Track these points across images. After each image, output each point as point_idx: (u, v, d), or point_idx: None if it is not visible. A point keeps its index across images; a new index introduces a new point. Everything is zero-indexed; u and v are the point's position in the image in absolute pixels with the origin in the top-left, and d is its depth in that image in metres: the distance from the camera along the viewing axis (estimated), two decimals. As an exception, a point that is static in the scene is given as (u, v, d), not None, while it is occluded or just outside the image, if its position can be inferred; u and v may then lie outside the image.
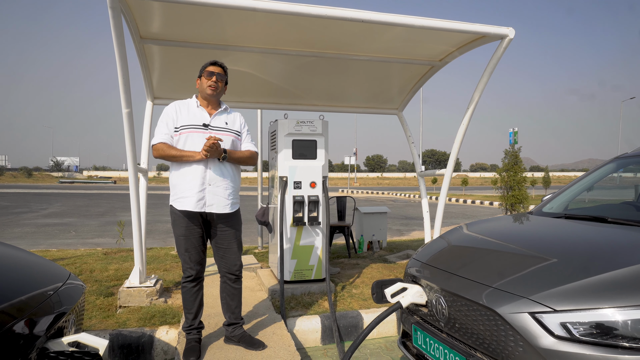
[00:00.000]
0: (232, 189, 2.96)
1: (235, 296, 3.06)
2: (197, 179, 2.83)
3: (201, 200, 2.84)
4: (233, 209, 2.96)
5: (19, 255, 2.26)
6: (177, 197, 2.88)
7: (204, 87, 2.93)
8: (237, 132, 3.03)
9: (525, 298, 1.81)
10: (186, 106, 2.97)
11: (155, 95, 4.94)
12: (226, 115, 3.04)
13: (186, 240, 2.90)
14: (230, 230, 2.97)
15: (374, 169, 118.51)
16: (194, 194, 2.83)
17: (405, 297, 2.42)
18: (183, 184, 2.86)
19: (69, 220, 12.45)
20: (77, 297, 2.13)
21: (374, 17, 3.38)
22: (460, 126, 4.36)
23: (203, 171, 2.84)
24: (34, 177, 56.57)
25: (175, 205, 2.90)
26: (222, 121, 2.98)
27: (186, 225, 2.88)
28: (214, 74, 2.92)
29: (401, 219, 13.46)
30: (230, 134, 2.97)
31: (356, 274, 5.22)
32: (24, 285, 1.88)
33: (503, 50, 3.88)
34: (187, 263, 2.94)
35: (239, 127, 3.06)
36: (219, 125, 2.95)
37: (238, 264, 3.02)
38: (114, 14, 3.05)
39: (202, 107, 2.97)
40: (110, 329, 3.41)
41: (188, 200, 2.84)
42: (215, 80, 2.92)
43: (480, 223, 3.12)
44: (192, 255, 2.92)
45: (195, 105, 2.97)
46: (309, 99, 5.51)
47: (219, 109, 3.01)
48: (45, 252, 6.76)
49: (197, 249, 2.92)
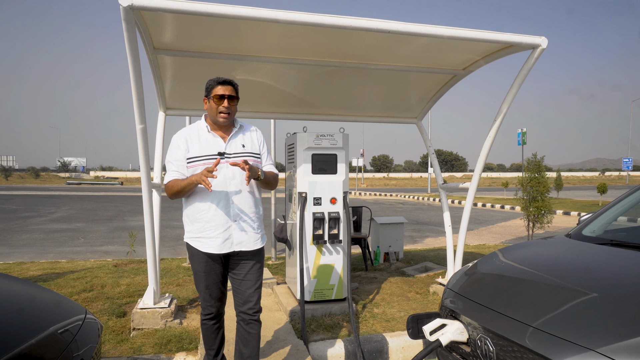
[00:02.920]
0: (259, 220, 2.66)
1: (249, 342, 2.59)
2: (220, 216, 2.50)
3: (228, 240, 2.52)
4: (263, 244, 2.66)
5: (34, 293, 2.11)
6: (196, 236, 2.54)
7: (215, 114, 2.54)
8: (256, 154, 2.66)
9: (592, 350, 1.62)
10: (196, 133, 2.60)
11: (167, 106, 4.79)
12: (242, 135, 2.65)
13: (207, 276, 2.59)
14: (253, 263, 2.63)
15: (380, 169, 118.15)
16: (218, 234, 2.49)
17: (445, 334, 2.24)
18: (203, 222, 2.51)
19: (77, 226, 12.36)
20: (95, 339, 1.97)
21: (400, 28, 3.20)
22: (487, 139, 4.17)
23: (226, 206, 2.51)
24: (41, 178, 56.81)
25: (194, 245, 2.55)
26: (238, 144, 2.61)
27: (206, 262, 2.57)
28: (224, 97, 2.52)
29: (412, 224, 13.25)
30: (250, 157, 2.60)
31: (375, 289, 5.04)
32: (44, 326, 1.73)
33: (534, 61, 3.68)
34: (208, 301, 2.65)
35: (258, 147, 2.70)
36: (236, 150, 2.58)
37: (254, 302, 2.59)
38: (128, 26, 2.89)
39: (214, 132, 2.60)
40: (125, 355, 3.26)
41: (212, 241, 2.50)
42: (227, 105, 2.53)
43: (518, 249, 2.93)
44: (212, 292, 2.63)
45: (206, 131, 2.59)
46: (325, 109, 5.33)
47: (233, 129, 2.64)
48: (55, 263, 6.64)
49: (217, 285, 2.63)
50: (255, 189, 2.63)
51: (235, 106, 2.61)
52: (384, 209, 18.83)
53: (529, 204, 6.71)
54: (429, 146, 5.34)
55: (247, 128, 2.73)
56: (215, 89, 2.55)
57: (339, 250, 4.15)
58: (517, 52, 3.84)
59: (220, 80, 2.57)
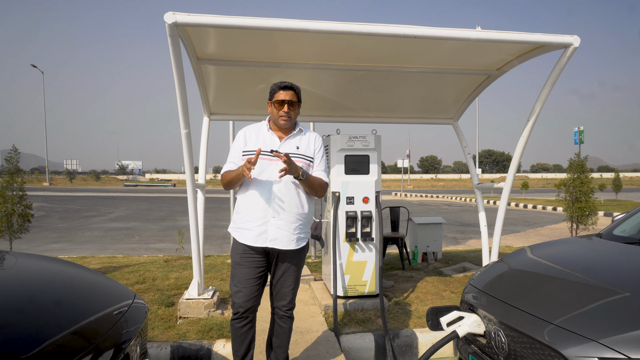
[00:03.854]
0: (301, 221, 2.62)
1: (280, 334, 2.72)
2: (260, 210, 2.55)
3: (263, 234, 2.54)
4: (299, 245, 2.62)
5: (92, 278, 2.41)
6: (237, 227, 2.63)
7: (276, 118, 2.62)
8: (309, 157, 2.66)
9: (594, 341, 1.69)
10: (257, 130, 2.70)
11: (211, 112, 5.11)
12: (299, 138, 2.69)
13: (242, 269, 2.59)
14: (289, 265, 2.64)
15: (428, 170, 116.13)
16: (255, 226, 2.55)
17: (462, 326, 2.34)
18: (244, 212, 2.60)
19: (133, 225, 13.16)
20: (141, 319, 2.23)
21: (426, 32, 3.30)
22: (520, 138, 4.16)
23: (267, 200, 2.54)
24: (101, 180, 60.31)
25: (234, 234, 2.65)
26: (292, 145, 2.64)
27: (243, 252, 2.59)
28: (284, 103, 2.57)
29: (457, 226, 13.07)
30: (301, 159, 2.62)
31: (410, 288, 5.13)
32: (99, 307, 2.02)
33: (567, 60, 3.66)
34: (238, 298, 2.59)
35: (312, 151, 2.69)
36: (290, 150, 2.60)
37: (287, 300, 2.68)
38: (172, 41, 3.19)
39: (273, 131, 2.67)
40: (171, 340, 3.56)
41: (248, 233, 2.56)
42: (287, 110, 2.57)
43: (545, 247, 2.96)
44: (245, 289, 2.58)
45: (265, 129, 2.68)
46: (360, 111, 5.49)
47: (292, 132, 2.68)
48: (113, 258, 7.19)
49: (251, 282, 2.58)
50: (301, 190, 2.62)
51: (296, 110, 2.66)
52: (428, 210, 18.63)
53: (572, 204, 6.52)
54: (464, 147, 5.36)
55: (306, 132, 2.76)
56: (277, 93, 2.61)
57: (371, 247, 4.29)
58: (550, 51, 3.83)
59: (282, 85, 2.62)
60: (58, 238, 10.28)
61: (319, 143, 2.75)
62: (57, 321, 1.73)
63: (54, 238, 10.26)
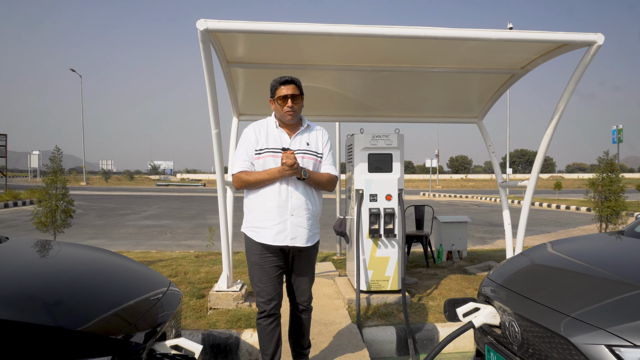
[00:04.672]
0: (315, 217, 2.65)
1: (302, 326, 2.80)
2: (277, 208, 2.53)
3: (282, 232, 2.54)
4: (314, 241, 2.67)
5: (131, 266, 2.63)
6: (252, 226, 2.60)
7: (282, 114, 2.62)
8: (318, 154, 2.69)
9: (601, 329, 1.76)
10: (265, 127, 2.69)
11: (240, 112, 5.32)
12: (308, 134, 2.71)
13: (261, 270, 2.60)
14: (305, 260, 2.69)
15: (458, 170, 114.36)
16: (274, 225, 2.53)
17: (478, 317, 2.43)
18: (260, 212, 2.56)
19: (165, 223, 13.60)
20: (176, 304, 2.42)
21: (447, 34, 3.39)
22: (544, 137, 4.18)
23: (285, 198, 2.54)
24: (135, 180, 62.11)
25: (249, 234, 2.62)
26: (302, 142, 2.66)
27: (261, 253, 2.59)
28: (287, 97, 2.58)
29: (485, 226, 12.94)
30: (312, 156, 2.65)
31: (434, 285, 5.19)
32: (139, 292, 2.23)
33: (591, 58, 3.67)
34: (262, 297, 2.61)
35: (321, 147, 2.72)
36: (300, 147, 2.64)
37: (307, 296, 2.74)
38: (204, 46, 3.39)
39: (282, 128, 2.68)
40: (202, 329, 3.77)
41: (266, 232, 2.55)
42: (291, 105, 2.58)
43: (564, 242, 3.00)
44: (267, 287, 2.60)
45: (274, 126, 2.68)
46: (385, 111, 5.58)
47: (300, 127, 2.70)
48: (146, 253, 7.52)
49: (272, 280, 2.60)
50: (313, 187, 2.65)
51: (299, 104, 2.64)
52: (457, 210, 18.44)
53: (601, 204, 6.41)
54: (489, 145, 5.38)
55: (313, 127, 2.77)
56: (278, 89, 2.62)
57: (394, 244, 4.39)
58: (574, 49, 3.85)
59: (282, 80, 2.62)
60: (95, 234, 10.77)
61: (326, 137, 2.78)
62: (104, 301, 1.95)
63: (91, 234, 10.75)
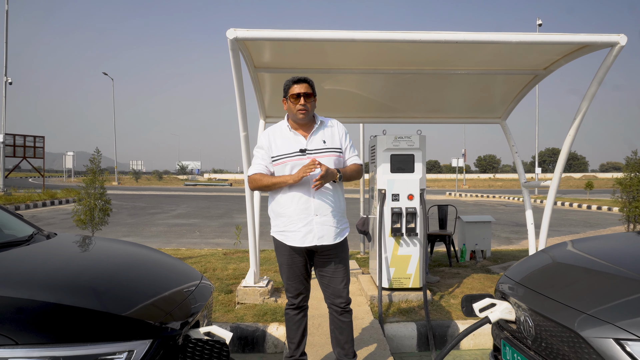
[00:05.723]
0: (340, 213, 2.68)
1: (344, 330, 2.75)
2: (302, 211, 2.57)
3: (309, 233, 2.58)
4: (343, 237, 2.69)
5: (168, 260, 2.85)
6: (280, 230, 2.67)
7: (294, 112, 2.62)
8: (338, 149, 2.67)
9: (610, 324, 1.84)
10: (279, 132, 2.70)
11: (267, 115, 5.51)
12: (323, 131, 2.69)
13: (290, 269, 2.71)
14: (336, 258, 2.68)
15: (486, 170, 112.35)
16: (300, 227, 2.58)
17: (494, 312, 2.52)
18: (285, 216, 2.61)
19: (194, 221, 13.99)
20: (208, 296, 2.61)
21: (467, 38, 3.48)
22: (567, 138, 4.20)
23: (307, 200, 2.57)
24: (164, 180, 63.65)
25: (279, 238, 2.69)
26: (319, 141, 2.65)
27: (289, 254, 2.68)
28: (300, 96, 2.59)
29: (511, 226, 12.80)
30: (332, 153, 2.63)
31: (456, 283, 5.26)
32: (175, 283, 2.43)
33: (613, 59, 3.69)
34: (290, 292, 2.76)
35: (339, 141, 2.70)
36: (317, 147, 2.63)
37: (343, 296, 2.71)
38: (233, 54, 3.58)
39: (295, 130, 2.67)
40: (230, 322, 3.97)
41: (294, 235, 2.60)
42: (303, 103, 2.59)
43: (584, 241, 3.05)
44: (295, 285, 2.73)
45: (287, 130, 2.68)
46: (408, 112, 5.68)
47: (314, 126, 2.68)
48: (177, 250, 7.82)
49: (299, 277, 2.71)
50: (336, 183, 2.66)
51: (312, 103, 2.66)
52: (483, 210, 18.25)
53: (629, 204, 6.32)
54: (512, 146, 5.41)
55: (327, 123, 2.75)
56: (291, 88, 2.64)
57: (415, 242, 4.49)
58: (596, 50, 3.87)
59: (295, 79, 2.66)
60: (128, 232, 11.20)
61: (342, 130, 2.76)
62: (145, 291, 2.15)
63: (124, 232, 11.19)
